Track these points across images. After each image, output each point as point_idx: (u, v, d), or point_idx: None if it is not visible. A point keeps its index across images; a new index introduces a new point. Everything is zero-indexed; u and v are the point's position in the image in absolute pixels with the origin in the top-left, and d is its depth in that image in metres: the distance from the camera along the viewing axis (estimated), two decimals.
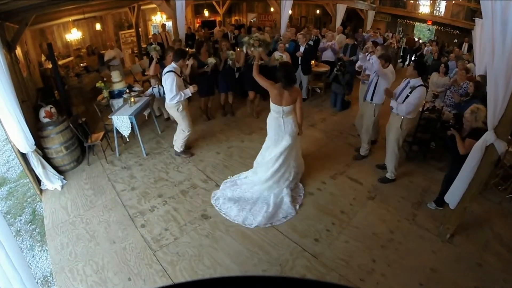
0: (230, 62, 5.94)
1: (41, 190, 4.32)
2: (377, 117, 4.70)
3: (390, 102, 4.07)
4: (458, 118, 4.03)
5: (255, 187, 4.00)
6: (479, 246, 3.32)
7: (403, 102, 3.88)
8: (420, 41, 12.07)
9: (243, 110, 6.76)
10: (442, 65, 6.39)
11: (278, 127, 3.75)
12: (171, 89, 4.41)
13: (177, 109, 4.62)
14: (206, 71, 5.70)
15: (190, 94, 4.63)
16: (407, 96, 3.85)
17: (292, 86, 3.58)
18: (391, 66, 4.48)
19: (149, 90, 6.00)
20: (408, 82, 3.91)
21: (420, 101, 3.91)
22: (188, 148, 5.21)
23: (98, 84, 5.81)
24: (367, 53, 4.97)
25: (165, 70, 4.46)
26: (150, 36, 11.13)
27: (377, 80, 4.42)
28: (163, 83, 4.60)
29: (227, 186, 4.17)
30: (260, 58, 4.30)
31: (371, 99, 4.52)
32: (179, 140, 4.95)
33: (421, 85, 3.82)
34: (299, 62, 6.76)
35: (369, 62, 4.76)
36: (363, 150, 4.93)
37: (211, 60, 5.63)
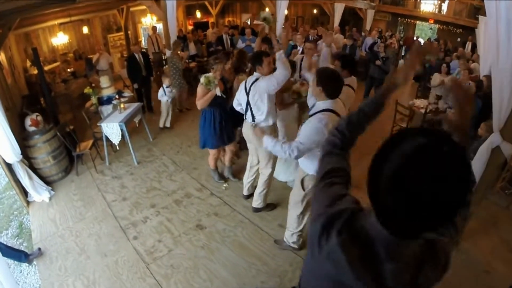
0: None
1: (28, 202, 4.33)
2: None
3: None
4: None
5: None
6: (486, 252, 3.38)
7: None
8: (420, 39, 12.22)
9: None
10: (444, 65, 6.52)
11: None
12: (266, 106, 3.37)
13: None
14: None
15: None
16: None
17: None
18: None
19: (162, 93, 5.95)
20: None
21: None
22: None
23: (86, 90, 5.86)
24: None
25: (253, 79, 3.37)
26: (139, 39, 11.27)
27: None
28: (257, 99, 3.35)
29: None
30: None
31: None
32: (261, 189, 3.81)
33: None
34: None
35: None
36: None
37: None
